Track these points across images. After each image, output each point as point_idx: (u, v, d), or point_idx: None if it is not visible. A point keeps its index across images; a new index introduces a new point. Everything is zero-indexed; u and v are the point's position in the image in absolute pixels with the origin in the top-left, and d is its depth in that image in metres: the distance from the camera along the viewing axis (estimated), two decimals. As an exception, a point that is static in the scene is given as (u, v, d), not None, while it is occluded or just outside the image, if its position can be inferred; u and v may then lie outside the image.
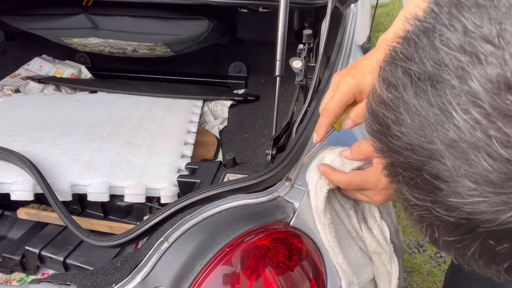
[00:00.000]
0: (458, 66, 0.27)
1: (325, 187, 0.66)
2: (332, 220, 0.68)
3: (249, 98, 1.49)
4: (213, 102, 1.48)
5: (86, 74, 1.68)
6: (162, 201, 0.96)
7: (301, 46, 0.96)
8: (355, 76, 0.64)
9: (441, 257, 1.84)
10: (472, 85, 0.26)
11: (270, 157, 0.79)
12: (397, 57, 0.32)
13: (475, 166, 0.27)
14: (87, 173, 0.97)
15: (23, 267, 0.98)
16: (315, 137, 0.67)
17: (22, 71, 1.65)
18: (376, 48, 0.69)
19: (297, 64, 0.90)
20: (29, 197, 0.92)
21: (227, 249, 0.62)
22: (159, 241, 0.64)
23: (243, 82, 1.69)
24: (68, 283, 0.70)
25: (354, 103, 0.65)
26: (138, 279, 0.63)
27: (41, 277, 0.98)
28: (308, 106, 0.83)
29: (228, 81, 1.70)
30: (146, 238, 0.72)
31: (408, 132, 0.30)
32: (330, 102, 0.64)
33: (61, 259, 0.93)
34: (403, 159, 0.31)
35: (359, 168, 0.67)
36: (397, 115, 0.31)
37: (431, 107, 0.28)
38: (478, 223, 0.28)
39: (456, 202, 0.28)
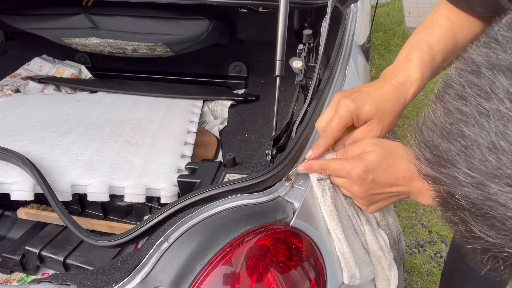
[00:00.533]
0: None
1: (315, 176, 0.69)
2: (337, 209, 0.68)
3: (249, 98, 1.49)
4: (213, 102, 1.48)
5: (86, 74, 1.68)
6: (162, 201, 0.96)
7: (301, 46, 0.96)
8: (355, 100, 0.66)
9: (441, 257, 1.84)
10: None
11: (270, 157, 0.79)
12: (465, 93, 0.30)
13: None
14: (87, 173, 0.97)
15: (23, 267, 0.98)
16: (310, 154, 0.70)
17: (22, 71, 1.65)
18: (382, 79, 0.71)
19: (297, 64, 0.90)
20: (29, 197, 0.92)
21: (227, 249, 0.62)
22: (159, 241, 0.64)
23: (243, 82, 1.69)
24: (68, 283, 0.70)
25: (351, 126, 0.69)
26: (138, 279, 0.63)
27: (41, 277, 0.98)
28: (308, 106, 0.83)
29: (228, 81, 1.70)
30: (146, 238, 0.72)
31: (482, 171, 0.29)
32: (330, 125, 0.67)
33: (61, 259, 0.93)
34: (471, 195, 0.30)
35: None
36: (467, 153, 0.29)
37: None
38: None
39: None
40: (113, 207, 1.07)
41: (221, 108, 1.46)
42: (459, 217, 0.32)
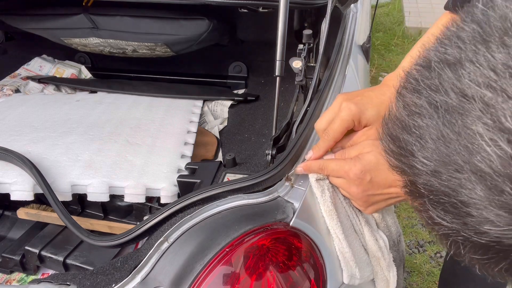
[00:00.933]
0: (487, 103, 0.28)
1: (314, 176, 0.69)
2: (336, 209, 0.69)
3: (249, 98, 1.49)
4: (213, 102, 1.48)
5: (86, 74, 1.68)
6: (162, 201, 0.96)
7: (301, 46, 0.96)
8: (358, 104, 0.67)
9: (441, 257, 1.84)
10: (504, 121, 0.27)
11: (270, 157, 0.79)
12: (419, 86, 0.32)
13: (509, 197, 0.27)
14: (87, 173, 0.97)
15: (23, 267, 0.98)
16: (310, 155, 0.70)
17: (22, 71, 1.65)
18: (384, 85, 0.72)
19: (297, 64, 0.90)
20: (29, 197, 0.92)
21: (227, 249, 0.62)
22: (159, 241, 0.64)
23: (243, 82, 1.69)
24: (68, 283, 0.70)
25: (351, 130, 0.69)
26: (138, 279, 0.63)
27: (41, 277, 0.98)
28: (308, 106, 0.83)
29: (228, 81, 1.70)
30: (146, 238, 0.72)
31: (434, 159, 0.31)
32: (331, 127, 0.67)
33: (61, 259, 0.93)
34: (428, 183, 0.31)
35: None
36: (422, 143, 0.31)
37: (461, 138, 0.29)
38: (510, 246, 0.29)
39: (489, 229, 0.29)
40: (113, 207, 1.07)
41: (221, 108, 1.46)
42: (421, 205, 0.34)
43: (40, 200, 1.05)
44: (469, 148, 0.28)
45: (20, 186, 0.91)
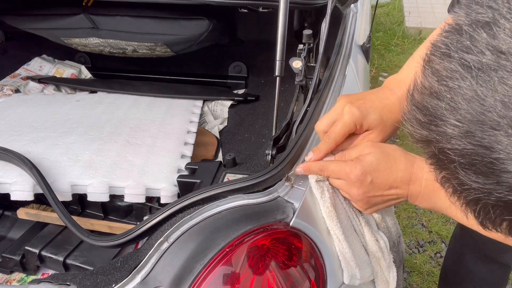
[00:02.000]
0: None
1: (313, 177, 0.69)
2: (336, 210, 0.69)
3: (249, 98, 1.49)
4: (213, 102, 1.48)
5: (86, 74, 1.68)
6: (162, 201, 0.96)
7: (301, 46, 0.96)
8: (361, 108, 0.67)
9: (441, 257, 1.84)
10: None
11: (270, 157, 0.79)
12: (450, 51, 0.33)
13: None
14: (87, 173, 0.97)
15: (23, 267, 0.98)
16: (310, 156, 0.70)
17: (22, 71, 1.65)
18: (385, 87, 0.71)
19: (297, 64, 0.90)
20: (29, 197, 0.92)
21: (227, 249, 0.62)
22: (159, 241, 0.64)
23: (243, 82, 1.69)
24: (68, 283, 0.70)
25: (352, 133, 0.69)
26: (138, 279, 0.63)
27: (41, 277, 0.98)
28: (308, 106, 0.83)
29: (228, 81, 1.70)
30: (146, 238, 0.72)
31: (468, 120, 0.31)
32: (333, 130, 0.67)
33: (61, 259, 0.93)
34: (460, 146, 0.32)
35: None
36: (453, 105, 0.32)
37: (497, 93, 0.29)
38: None
39: None
40: (113, 207, 1.07)
41: (221, 108, 1.46)
42: (450, 172, 0.34)
43: (40, 200, 1.05)
44: (506, 103, 0.29)
45: (20, 186, 0.91)
